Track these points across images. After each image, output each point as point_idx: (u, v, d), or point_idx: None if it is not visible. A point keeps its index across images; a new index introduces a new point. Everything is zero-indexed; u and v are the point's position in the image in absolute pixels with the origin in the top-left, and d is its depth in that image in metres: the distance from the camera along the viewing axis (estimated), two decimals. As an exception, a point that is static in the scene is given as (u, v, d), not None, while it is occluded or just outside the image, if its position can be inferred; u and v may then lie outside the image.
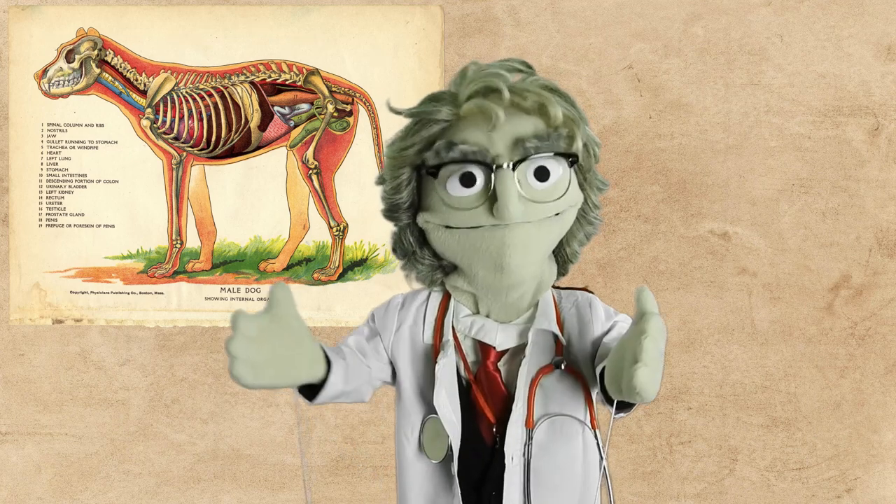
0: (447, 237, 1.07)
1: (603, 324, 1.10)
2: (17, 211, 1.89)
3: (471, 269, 1.07)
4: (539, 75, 1.08)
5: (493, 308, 1.10)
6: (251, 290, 1.91)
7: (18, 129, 1.89)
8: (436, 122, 1.06)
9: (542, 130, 1.05)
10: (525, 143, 1.03)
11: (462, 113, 1.05)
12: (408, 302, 1.14)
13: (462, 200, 1.04)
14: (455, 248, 1.07)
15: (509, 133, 1.04)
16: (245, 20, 1.89)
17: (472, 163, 1.04)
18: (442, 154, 1.05)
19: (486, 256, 1.04)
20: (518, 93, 1.05)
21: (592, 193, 1.11)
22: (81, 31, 1.89)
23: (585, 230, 1.12)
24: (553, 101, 1.04)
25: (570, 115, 1.06)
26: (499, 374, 1.08)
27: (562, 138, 1.05)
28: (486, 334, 1.09)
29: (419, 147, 1.07)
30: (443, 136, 1.06)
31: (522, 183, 1.03)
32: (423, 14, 1.89)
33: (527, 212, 1.03)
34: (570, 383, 1.09)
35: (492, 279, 1.06)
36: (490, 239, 1.04)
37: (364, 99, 1.90)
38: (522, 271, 1.05)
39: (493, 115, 1.03)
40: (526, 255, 1.04)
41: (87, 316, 1.90)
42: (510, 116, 1.05)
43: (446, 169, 1.05)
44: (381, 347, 1.13)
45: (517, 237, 1.03)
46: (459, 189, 1.04)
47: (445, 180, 1.05)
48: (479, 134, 1.04)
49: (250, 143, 1.91)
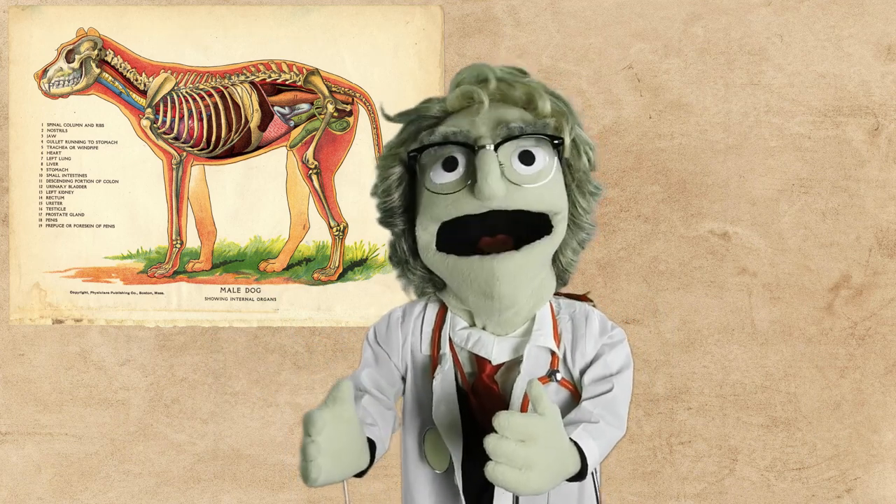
0: (437, 261, 1.06)
1: (596, 340, 1.08)
2: (17, 211, 1.90)
3: (461, 292, 1.06)
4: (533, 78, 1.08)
5: (488, 323, 1.08)
6: (251, 290, 1.91)
7: (18, 129, 1.89)
8: (426, 118, 1.06)
9: (529, 118, 1.04)
10: (509, 124, 1.02)
11: (449, 102, 1.05)
12: (407, 314, 1.13)
13: (444, 186, 1.03)
14: (445, 273, 1.06)
15: (494, 117, 1.03)
16: (245, 20, 1.89)
17: (454, 145, 1.03)
18: (423, 139, 1.04)
19: (476, 285, 1.03)
20: (507, 83, 1.04)
21: (583, 198, 1.09)
22: (81, 31, 1.89)
23: (578, 237, 1.10)
24: (542, 93, 1.03)
25: (558, 110, 1.05)
26: (496, 386, 1.07)
27: (548, 127, 1.04)
28: (483, 348, 1.07)
29: (408, 142, 1.07)
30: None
31: (506, 166, 1.02)
32: (423, 14, 1.89)
33: (509, 194, 1.01)
34: (564, 395, 1.08)
35: (482, 304, 1.05)
36: (479, 270, 1.02)
37: (364, 99, 1.90)
38: (513, 297, 1.04)
39: (476, 98, 1.02)
40: (515, 282, 1.03)
41: (87, 316, 1.90)
42: (497, 106, 1.04)
43: (430, 157, 1.04)
44: (393, 369, 1.12)
45: (505, 268, 1.01)
46: (442, 174, 1.03)
47: (430, 169, 1.04)
48: (464, 120, 1.04)
49: (250, 143, 1.91)
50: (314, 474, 0.94)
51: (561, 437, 0.98)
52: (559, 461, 0.97)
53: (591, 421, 1.04)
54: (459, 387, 1.08)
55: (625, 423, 1.07)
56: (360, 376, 1.12)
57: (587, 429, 1.03)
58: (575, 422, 1.04)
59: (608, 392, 1.06)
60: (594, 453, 1.03)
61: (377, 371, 1.12)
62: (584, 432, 1.03)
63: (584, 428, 1.03)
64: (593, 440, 1.03)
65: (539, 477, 0.94)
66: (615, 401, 1.06)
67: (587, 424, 1.04)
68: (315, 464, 0.93)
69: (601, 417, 1.04)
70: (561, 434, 0.98)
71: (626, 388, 1.08)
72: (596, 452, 1.03)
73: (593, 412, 1.04)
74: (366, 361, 1.13)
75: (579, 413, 1.05)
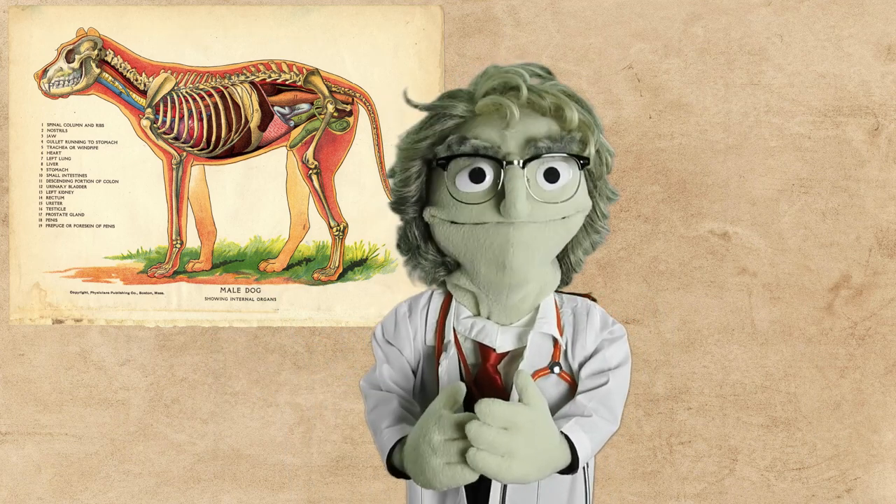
0: (452, 233, 1.06)
1: (596, 334, 1.09)
2: (17, 211, 1.89)
3: (473, 266, 1.07)
4: (558, 81, 1.09)
5: (493, 309, 1.09)
6: (251, 290, 1.91)
7: (18, 129, 1.89)
8: (451, 117, 1.06)
9: (556, 132, 1.05)
10: (537, 143, 1.03)
11: (478, 109, 1.05)
12: (413, 307, 1.14)
13: (470, 196, 1.04)
14: (459, 243, 1.07)
15: (522, 132, 1.04)
16: (245, 20, 1.89)
17: (483, 158, 1.03)
18: (454, 147, 1.05)
19: (490, 253, 1.04)
20: (536, 93, 1.05)
21: (601, 202, 1.11)
22: (81, 31, 1.89)
23: (592, 238, 1.12)
24: (570, 105, 1.04)
25: (585, 121, 1.05)
26: (499, 377, 1.08)
27: (574, 142, 1.05)
28: (487, 336, 1.08)
29: (432, 140, 1.07)
30: (457, 131, 1.06)
31: (531, 182, 1.03)
32: (423, 14, 1.89)
33: (533, 212, 1.03)
34: (563, 388, 1.09)
35: (493, 277, 1.06)
36: (495, 236, 1.03)
37: (364, 99, 1.90)
38: (524, 271, 1.05)
39: (507, 112, 1.03)
40: (529, 254, 1.04)
41: (87, 316, 1.90)
42: (525, 116, 1.05)
43: (456, 163, 1.05)
44: (405, 364, 1.12)
45: (522, 236, 1.03)
46: (468, 184, 1.04)
47: (455, 175, 1.05)
48: (492, 131, 1.04)
49: (250, 143, 1.91)
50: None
51: (547, 427, 0.99)
52: (545, 452, 0.98)
53: (585, 414, 1.05)
54: (462, 377, 1.08)
55: (619, 419, 1.08)
56: (381, 376, 1.12)
57: (579, 422, 1.04)
58: (568, 415, 1.05)
59: (603, 386, 1.07)
60: (585, 447, 1.03)
61: (396, 373, 1.12)
62: (575, 425, 1.04)
63: (577, 421, 1.04)
64: (585, 433, 1.04)
65: (521, 465, 0.95)
66: (610, 395, 1.07)
67: (580, 418, 1.04)
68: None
69: (595, 411, 1.05)
70: (547, 425, 0.99)
71: (622, 383, 1.09)
72: (588, 446, 1.04)
73: (587, 406, 1.05)
74: (380, 361, 1.14)
75: (573, 406, 1.06)
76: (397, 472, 1.07)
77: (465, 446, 0.96)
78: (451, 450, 0.97)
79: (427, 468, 0.99)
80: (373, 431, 1.10)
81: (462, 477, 0.97)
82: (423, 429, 1.00)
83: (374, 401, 1.12)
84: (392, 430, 1.07)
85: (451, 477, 0.98)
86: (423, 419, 1.01)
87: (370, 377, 1.14)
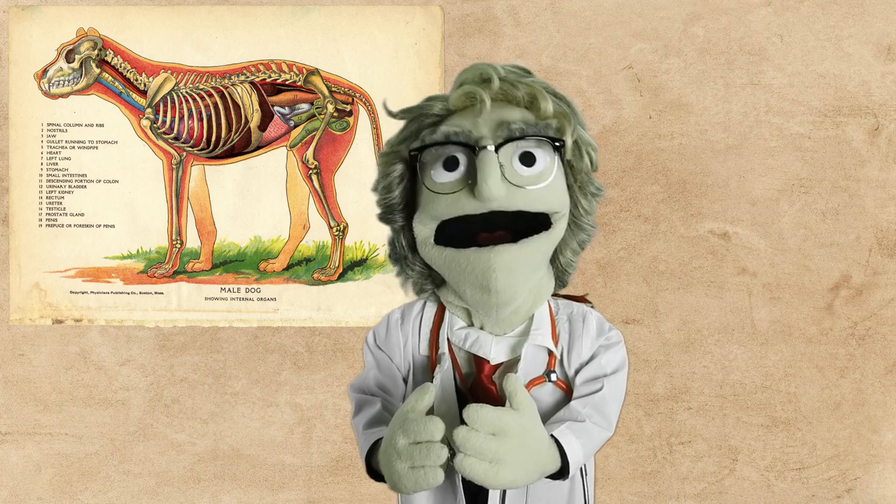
0: (435, 255, 1.05)
1: (592, 341, 1.08)
2: (17, 211, 1.89)
3: (458, 287, 1.06)
4: (537, 79, 1.08)
5: (486, 322, 1.08)
6: (251, 290, 1.91)
7: (18, 129, 1.89)
8: (427, 115, 1.06)
9: (531, 119, 1.04)
10: (510, 125, 1.02)
11: (451, 101, 1.05)
12: (405, 315, 1.13)
13: (444, 186, 1.03)
14: (442, 266, 1.06)
15: (495, 118, 1.03)
16: (245, 20, 1.89)
17: (456, 145, 1.02)
18: (426, 138, 1.04)
19: (472, 278, 1.03)
20: (510, 83, 1.04)
21: (585, 199, 1.08)
22: (81, 31, 1.89)
23: (578, 238, 1.10)
24: (544, 95, 1.03)
25: (561, 111, 1.04)
26: (494, 387, 1.07)
27: (550, 128, 1.04)
28: (481, 347, 1.07)
29: (410, 140, 1.06)
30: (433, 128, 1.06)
31: (506, 167, 1.01)
32: (423, 14, 1.89)
33: (510, 195, 1.01)
34: (560, 396, 1.08)
35: (480, 298, 1.04)
36: (476, 262, 1.02)
37: (364, 99, 1.90)
38: (511, 291, 1.03)
39: (478, 98, 1.02)
40: (512, 276, 1.02)
41: (87, 316, 1.90)
42: (500, 107, 1.04)
43: (432, 156, 1.04)
44: (395, 371, 1.12)
45: (502, 260, 1.01)
46: (442, 174, 1.03)
47: (431, 168, 1.04)
48: (465, 120, 1.04)
49: (250, 143, 1.91)
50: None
51: (536, 432, 0.98)
52: (534, 457, 0.97)
53: (577, 420, 1.04)
54: (458, 387, 1.08)
55: (613, 425, 1.07)
56: (367, 381, 1.12)
57: (571, 427, 1.03)
58: (560, 420, 1.04)
59: (598, 392, 1.06)
60: (576, 452, 1.02)
61: (383, 378, 1.12)
62: (567, 430, 1.03)
63: (569, 426, 1.03)
64: (576, 438, 1.03)
65: (509, 471, 0.94)
66: (604, 401, 1.06)
67: (572, 423, 1.04)
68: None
69: (588, 417, 1.04)
70: (536, 429, 0.98)
71: (617, 389, 1.08)
72: (579, 451, 1.03)
73: (581, 412, 1.05)
74: (369, 366, 1.13)
75: (566, 412, 1.05)
76: (377, 474, 1.06)
77: (434, 450, 0.95)
78: (415, 454, 0.96)
79: (393, 472, 0.98)
80: (356, 434, 1.10)
81: (425, 481, 0.96)
82: (390, 432, 0.99)
83: (358, 404, 1.12)
84: (369, 434, 1.07)
85: (414, 482, 0.97)
86: (391, 422, 1.00)
87: (358, 381, 1.14)
